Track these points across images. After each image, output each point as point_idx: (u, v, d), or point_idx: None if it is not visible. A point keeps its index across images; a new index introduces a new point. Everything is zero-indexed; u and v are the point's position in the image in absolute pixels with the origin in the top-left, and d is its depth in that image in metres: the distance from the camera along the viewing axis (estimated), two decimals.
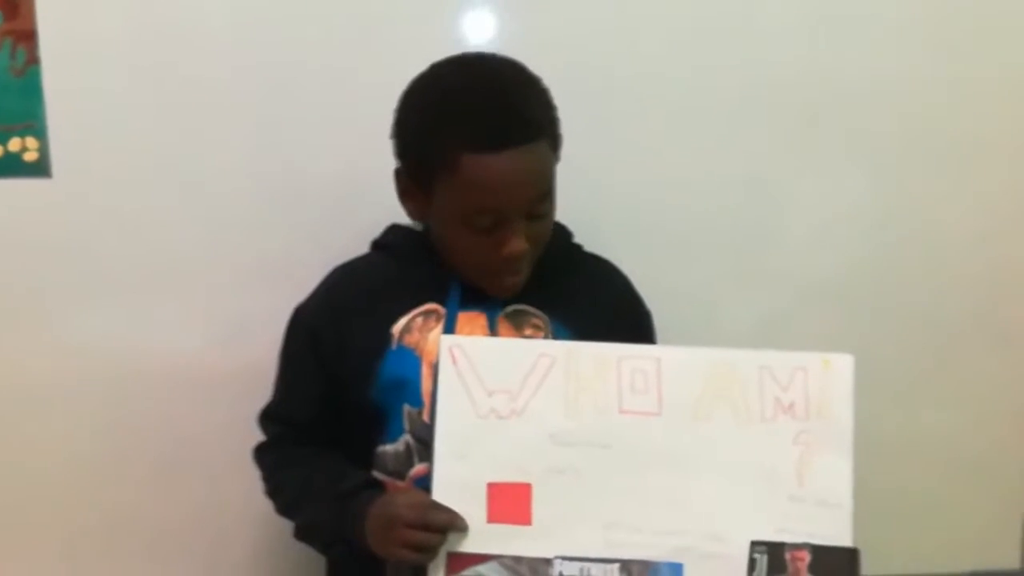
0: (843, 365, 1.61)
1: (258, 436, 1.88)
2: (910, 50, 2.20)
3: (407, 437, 1.76)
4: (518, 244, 1.67)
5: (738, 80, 2.17)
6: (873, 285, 2.28)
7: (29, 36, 2.06)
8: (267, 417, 1.89)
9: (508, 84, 1.68)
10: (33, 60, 2.07)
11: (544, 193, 1.70)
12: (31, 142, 2.10)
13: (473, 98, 1.65)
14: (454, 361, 1.61)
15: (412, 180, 1.74)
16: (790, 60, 2.18)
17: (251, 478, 1.88)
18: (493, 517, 1.57)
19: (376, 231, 1.89)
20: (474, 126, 1.62)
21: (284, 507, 1.84)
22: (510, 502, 1.57)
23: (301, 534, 1.81)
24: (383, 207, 1.84)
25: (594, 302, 1.85)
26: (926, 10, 2.19)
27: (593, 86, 2.14)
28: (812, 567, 1.53)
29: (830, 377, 1.60)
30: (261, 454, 1.89)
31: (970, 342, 2.33)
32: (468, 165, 1.61)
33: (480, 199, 1.64)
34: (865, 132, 2.22)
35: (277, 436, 1.87)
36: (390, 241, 1.88)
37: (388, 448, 1.78)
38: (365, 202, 2.00)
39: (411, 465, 1.76)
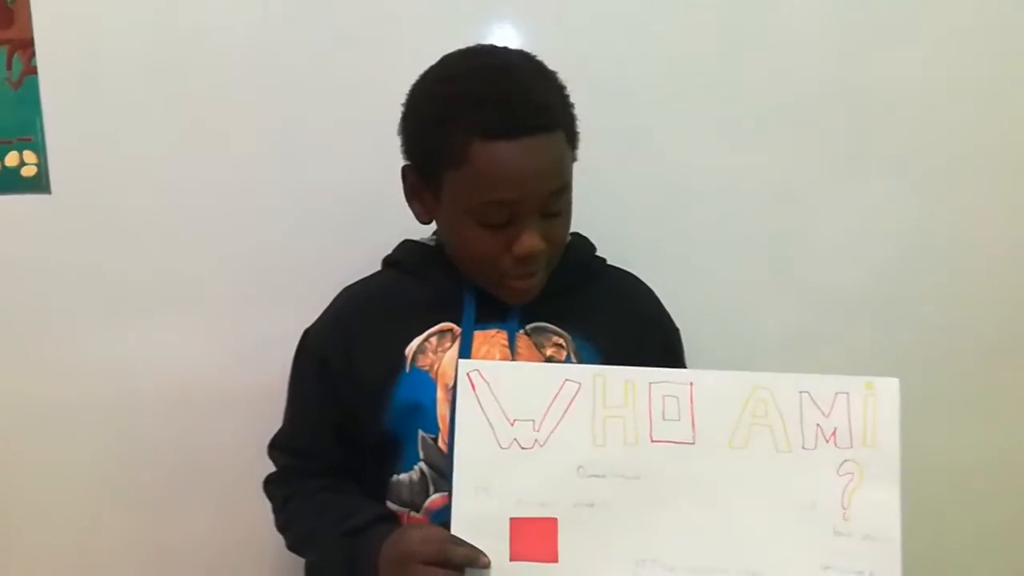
0: (888, 389, 1.51)
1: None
2: (944, 57, 2.12)
3: (422, 465, 1.67)
4: (532, 241, 1.58)
5: (769, 88, 2.10)
6: (910, 296, 2.18)
7: (26, 45, 2.02)
8: (276, 448, 1.82)
9: (522, 70, 1.60)
10: (30, 70, 2.03)
11: (560, 188, 1.60)
12: (29, 156, 2.06)
13: (484, 82, 1.56)
14: (473, 387, 1.52)
15: (419, 175, 1.65)
16: (822, 67, 2.10)
17: (264, 499, 1.83)
18: (516, 554, 1.48)
19: (390, 247, 1.82)
20: (485, 111, 1.53)
21: (294, 543, 1.76)
22: (534, 538, 1.48)
23: (312, 572, 1.75)
24: (400, 223, 1.77)
25: (620, 319, 1.76)
26: (962, 18, 2.10)
27: (618, 94, 2.06)
28: None
29: (874, 402, 1.51)
30: (271, 487, 1.82)
31: (1014, 354, 2.22)
32: (479, 153, 1.52)
33: (492, 190, 1.54)
34: (900, 139, 2.13)
35: (287, 468, 1.80)
36: (401, 257, 1.80)
37: (403, 477, 1.69)
38: (381, 219, 1.91)
39: (427, 495, 1.68)
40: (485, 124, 1.52)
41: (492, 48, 1.67)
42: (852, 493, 1.49)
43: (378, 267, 1.82)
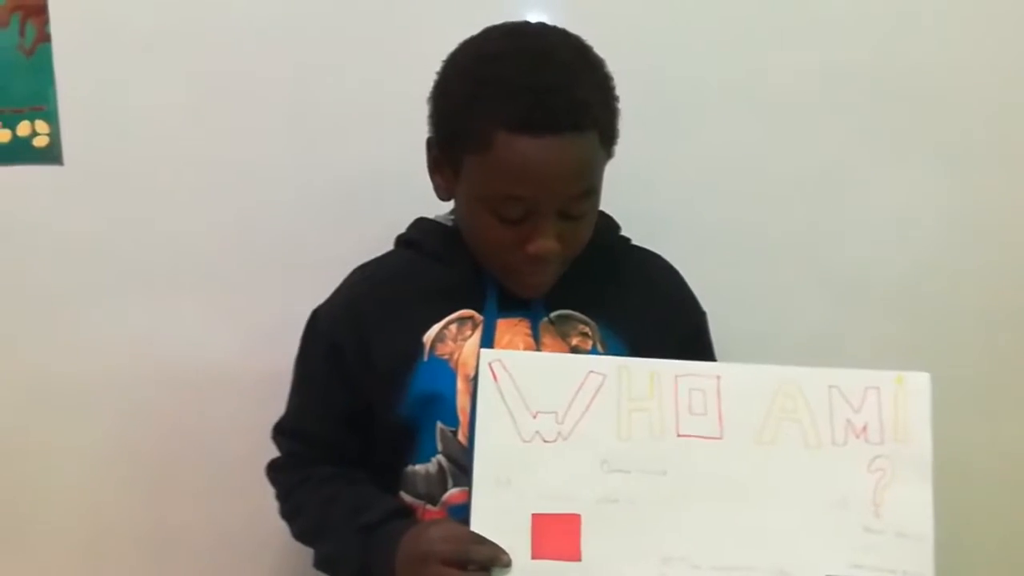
0: (919, 383, 1.49)
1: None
2: (987, 44, 2.06)
3: (440, 458, 1.62)
4: (545, 244, 1.52)
5: (807, 74, 2.05)
6: (948, 288, 2.13)
7: (39, 11, 1.98)
8: (282, 432, 1.76)
9: (562, 59, 1.51)
10: (43, 38, 1.99)
11: (585, 191, 1.54)
12: (41, 126, 2.02)
13: (519, 70, 1.48)
14: (495, 378, 1.48)
15: (442, 152, 1.59)
16: (858, 51, 2.05)
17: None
18: (538, 552, 1.44)
19: (402, 227, 1.77)
20: (514, 102, 1.45)
21: (301, 533, 1.72)
22: (557, 535, 1.45)
23: (322, 565, 1.69)
24: (414, 201, 1.74)
25: (646, 304, 1.71)
26: (1009, 2, 2.05)
27: (649, 77, 2.01)
28: None
29: (905, 397, 1.48)
30: (275, 472, 1.77)
31: None
32: (502, 145, 1.46)
33: (510, 185, 1.48)
34: (938, 127, 2.08)
35: (293, 454, 1.75)
36: (417, 237, 1.74)
37: (419, 469, 1.64)
38: (394, 197, 1.89)
39: (445, 488, 1.63)
40: (512, 116, 1.45)
41: (537, 29, 1.61)
42: (884, 490, 1.46)
43: (389, 246, 1.78)
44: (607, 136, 1.54)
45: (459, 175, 1.55)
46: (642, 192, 1.89)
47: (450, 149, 1.56)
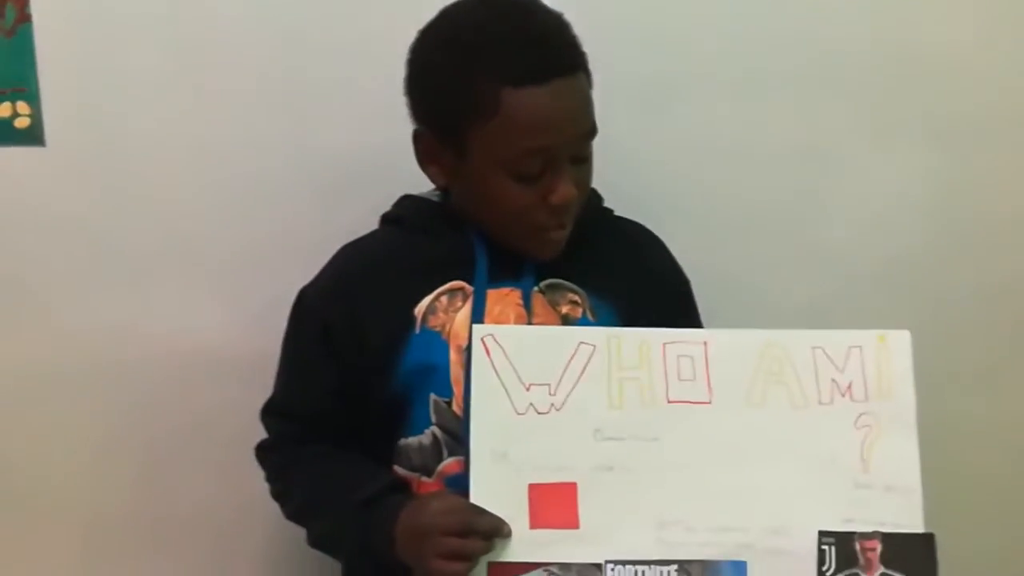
0: (900, 341, 1.53)
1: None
2: (980, 22, 2.07)
3: (434, 429, 1.64)
4: (568, 189, 1.55)
5: (796, 50, 2.06)
6: (936, 266, 2.16)
7: None
8: (271, 412, 1.78)
9: (538, 11, 1.57)
10: (24, 18, 1.96)
11: (591, 129, 1.58)
12: (22, 107, 1.99)
13: (505, 27, 1.52)
14: (488, 353, 1.51)
15: (438, 136, 1.60)
16: (849, 26, 2.05)
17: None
18: (536, 521, 1.47)
19: (385, 206, 1.79)
20: (513, 56, 1.49)
21: (295, 513, 1.74)
22: (554, 504, 1.48)
23: (317, 543, 1.71)
24: (399, 183, 1.76)
25: (634, 272, 1.73)
26: None
27: (637, 49, 2.01)
28: (884, 557, 1.45)
29: (887, 355, 1.52)
30: (265, 453, 1.78)
31: None
32: (510, 102, 1.49)
33: (528, 139, 1.51)
34: (928, 107, 2.10)
35: (283, 434, 1.76)
36: (404, 214, 1.75)
37: (412, 441, 1.66)
38: (379, 176, 1.88)
39: (440, 459, 1.64)
40: (513, 70, 1.48)
41: None
42: (871, 446, 1.50)
43: (375, 226, 1.79)
44: (589, 74, 1.59)
45: (465, 152, 1.57)
46: (626, 169, 1.87)
47: (449, 129, 1.57)
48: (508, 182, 1.55)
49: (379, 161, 1.90)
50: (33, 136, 1.99)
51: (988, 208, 2.15)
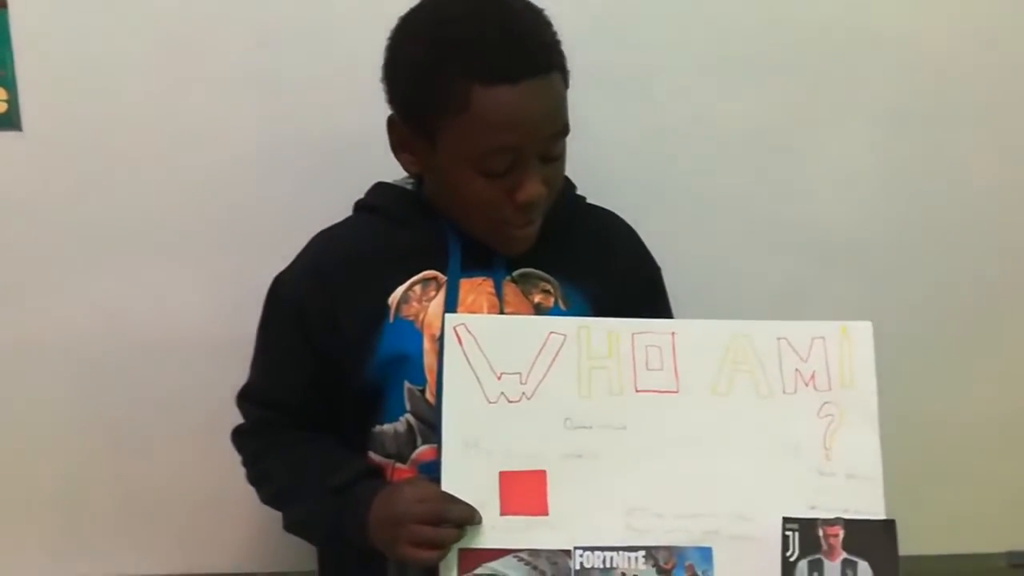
0: (862, 332, 1.57)
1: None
2: (931, 2, 2.10)
3: (409, 416, 1.66)
4: (535, 188, 1.56)
5: (757, 29, 2.07)
6: (901, 247, 2.18)
7: None
8: (247, 399, 1.79)
9: (515, 9, 1.58)
10: (0, 3, 1.95)
11: (562, 130, 1.60)
12: None
13: (481, 24, 1.52)
14: (460, 342, 1.53)
15: (410, 126, 1.61)
16: (808, 10, 2.07)
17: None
18: (507, 508, 1.50)
19: (359, 193, 1.80)
20: (486, 55, 1.50)
21: (270, 498, 1.75)
22: (524, 491, 1.50)
23: (292, 528, 1.72)
24: (375, 167, 1.76)
25: (605, 260, 1.76)
26: None
27: (606, 36, 2.03)
28: (847, 543, 1.47)
29: (850, 345, 1.56)
30: (241, 438, 1.79)
31: (1006, 309, 2.25)
32: (480, 99, 1.50)
33: (495, 137, 1.52)
34: (891, 86, 2.11)
35: (259, 420, 1.77)
36: (378, 202, 1.76)
37: (387, 428, 1.68)
38: (356, 163, 1.87)
39: (414, 446, 1.66)
40: (485, 69, 1.49)
41: None
42: (833, 434, 1.54)
43: (349, 212, 1.80)
44: (565, 75, 1.60)
45: (435, 144, 1.58)
46: (594, 154, 1.87)
47: (422, 120, 1.58)
48: (475, 177, 1.56)
49: (354, 147, 1.92)
50: (10, 121, 1.99)
51: (947, 185, 2.17)
